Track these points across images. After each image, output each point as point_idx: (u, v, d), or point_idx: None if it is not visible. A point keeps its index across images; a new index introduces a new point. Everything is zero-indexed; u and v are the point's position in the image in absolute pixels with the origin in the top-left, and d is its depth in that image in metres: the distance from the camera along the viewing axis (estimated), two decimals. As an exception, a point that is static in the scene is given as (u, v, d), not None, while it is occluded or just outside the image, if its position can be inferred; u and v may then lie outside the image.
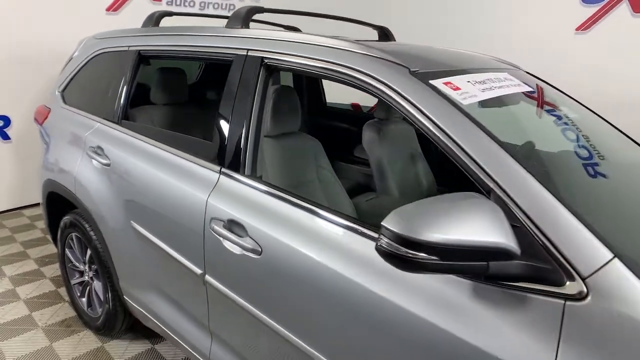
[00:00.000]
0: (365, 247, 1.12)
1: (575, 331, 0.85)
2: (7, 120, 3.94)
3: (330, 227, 1.21)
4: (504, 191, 0.96)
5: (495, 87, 1.36)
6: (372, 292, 1.08)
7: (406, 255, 0.84)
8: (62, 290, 2.77)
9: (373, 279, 1.09)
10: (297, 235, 1.25)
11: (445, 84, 1.20)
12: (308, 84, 3.31)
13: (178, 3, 4.81)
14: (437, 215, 0.85)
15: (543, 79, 1.97)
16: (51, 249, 3.31)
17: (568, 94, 2.01)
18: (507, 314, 0.91)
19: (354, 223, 1.18)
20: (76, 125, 2.30)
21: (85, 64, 2.42)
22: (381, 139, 2.29)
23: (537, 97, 1.62)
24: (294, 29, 2.78)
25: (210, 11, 5.02)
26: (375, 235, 1.10)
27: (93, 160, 2.07)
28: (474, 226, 0.85)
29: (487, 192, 0.98)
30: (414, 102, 1.13)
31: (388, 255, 0.86)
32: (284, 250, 1.26)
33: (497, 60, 1.88)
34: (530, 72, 2.01)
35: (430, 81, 1.18)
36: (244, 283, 1.41)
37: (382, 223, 0.86)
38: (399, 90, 1.16)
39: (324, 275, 1.17)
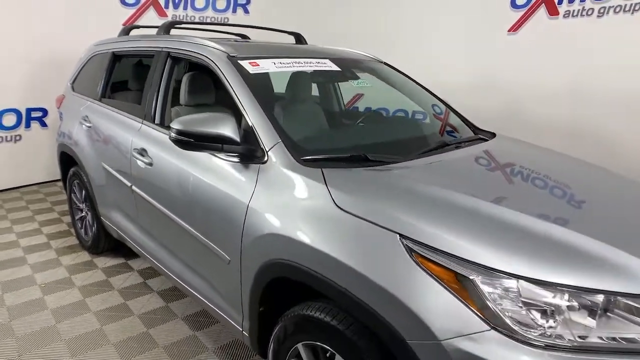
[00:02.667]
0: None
1: (262, 178, 1.70)
2: (45, 112, 5.12)
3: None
4: (247, 113, 1.82)
5: (296, 66, 2.22)
6: (183, 169, 2.02)
7: (180, 140, 1.72)
8: (73, 231, 3.82)
9: (183, 160, 2.02)
10: (165, 150, 2.17)
11: (250, 63, 2.07)
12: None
13: (182, 18, 5.89)
14: (197, 120, 1.73)
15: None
16: (70, 205, 4.39)
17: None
18: (242, 174, 1.78)
19: None
20: (77, 105, 3.33)
21: (87, 62, 3.47)
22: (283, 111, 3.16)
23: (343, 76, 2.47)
24: (243, 36, 3.72)
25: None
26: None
27: (83, 125, 3.08)
28: (215, 126, 1.71)
29: (242, 115, 1.85)
30: (223, 72, 2.02)
31: (173, 141, 1.74)
32: (162, 160, 2.19)
33: (358, 53, 2.73)
34: (390, 64, 2.85)
35: (239, 61, 2.06)
36: (147, 185, 2.34)
37: (170, 125, 1.74)
38: (219, 66, 2.05)
39: (173, 168, 2.09)
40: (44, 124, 5.14)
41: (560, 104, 4.53)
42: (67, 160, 3.45)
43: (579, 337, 1.12)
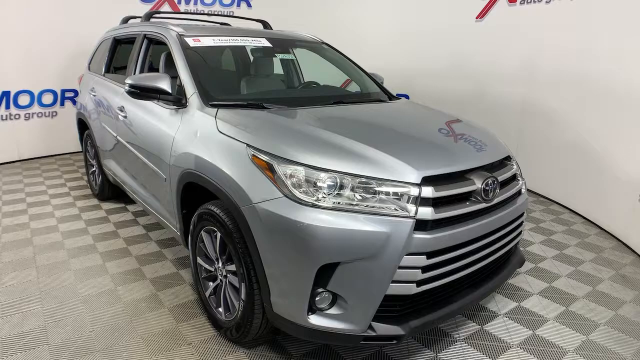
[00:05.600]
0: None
1: (184, 117, 2.42)
2: (76, 92, 6.05)
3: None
4: (179, 73, 2.54)
5: (231, 42, 2.92)
6: (141, 116, 2.76)
7: (131, 91, 2.46)
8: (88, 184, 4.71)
9: (141, 109, 2.78)
10: (133, 105, 2.93)
11: (193, 39, 2.78)
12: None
13: (192, 10, 6.71)
14: (143, 77, 2.46)
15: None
16: (91, 167, 5.32)
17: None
18: (173, 116, 2.50)
19: None
20: (89, 80, 4.19)
21: (99, 46, 4.32)
22: (247, 84, 3.86)
23: (274, 51, 3.15)
24: (224, 24, 4.45)
25: (214, 17, 6.84)
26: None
27: (90, 95, 3.93)
28: (154, 81, 2.44)
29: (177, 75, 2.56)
30: (171, 46, 2.74)
31: (127, 92, 2.48)
32: (131, 112, 2.96)
33: (305, 35, 3.42)
34: (330, 44, 3.49)
35: (185, 38, 2.78)
36: (123, 132, 3.13)
37: (124, 80, 2.48)
38: (170, 42, 2.78)
39: (136, 117, 2.84)
40: (75, 102, 6.09)
41: (517, 83, 4.94)
42: (82, 125, 4.33)
43: (340, 202, 1.74)
